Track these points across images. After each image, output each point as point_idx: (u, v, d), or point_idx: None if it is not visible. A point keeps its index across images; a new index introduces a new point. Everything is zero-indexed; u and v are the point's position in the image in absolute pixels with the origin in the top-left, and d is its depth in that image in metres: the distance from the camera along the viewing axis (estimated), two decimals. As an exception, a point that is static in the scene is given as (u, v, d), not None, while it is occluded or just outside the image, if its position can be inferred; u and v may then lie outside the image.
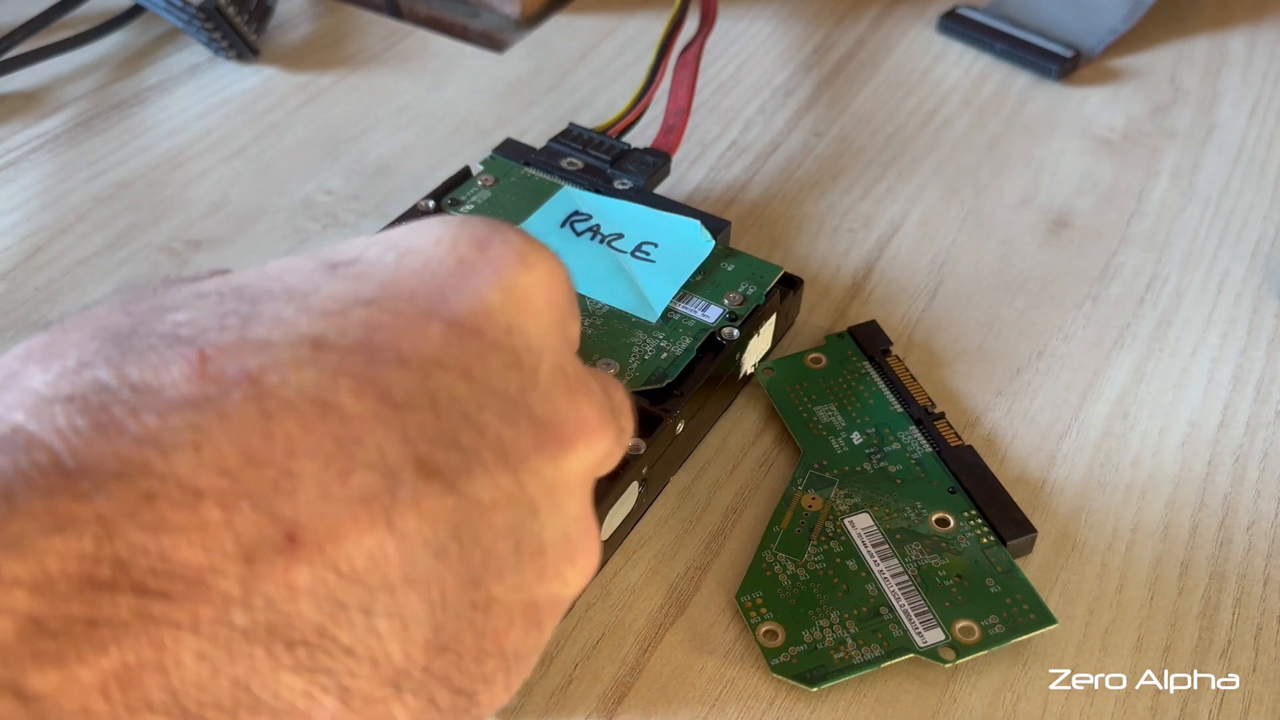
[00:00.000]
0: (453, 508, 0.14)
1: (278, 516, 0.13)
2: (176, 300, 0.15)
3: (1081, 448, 0.29)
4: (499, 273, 0.16)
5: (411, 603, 0.14)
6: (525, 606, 0.16)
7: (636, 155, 0.33)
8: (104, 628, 0.12)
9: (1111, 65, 0.43)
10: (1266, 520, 0.27)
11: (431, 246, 0.16)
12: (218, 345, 0.14)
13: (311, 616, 0.13)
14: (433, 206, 0.31)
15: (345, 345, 0.14)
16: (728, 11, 0.45)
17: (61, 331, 0.14)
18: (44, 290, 0.32)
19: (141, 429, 0.13)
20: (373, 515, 0.13)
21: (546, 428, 0.15)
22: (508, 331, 0.15)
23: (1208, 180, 0.38)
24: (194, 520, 0.12)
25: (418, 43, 0.43)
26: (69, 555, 0.12)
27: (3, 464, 0.12)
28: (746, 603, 0.25)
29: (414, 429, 0.14)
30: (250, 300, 0.14)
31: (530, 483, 0.15)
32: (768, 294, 0.29)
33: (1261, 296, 0.33)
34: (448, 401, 0.14)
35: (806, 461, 0.28)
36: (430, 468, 0.14)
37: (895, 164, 0.38)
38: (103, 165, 0.37)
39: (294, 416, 0.13)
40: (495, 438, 0.15)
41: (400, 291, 0.15)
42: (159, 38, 0.42)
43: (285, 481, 0.13)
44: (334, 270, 0.15)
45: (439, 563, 0.14)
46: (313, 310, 0.14)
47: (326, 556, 0.13)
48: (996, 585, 0.25)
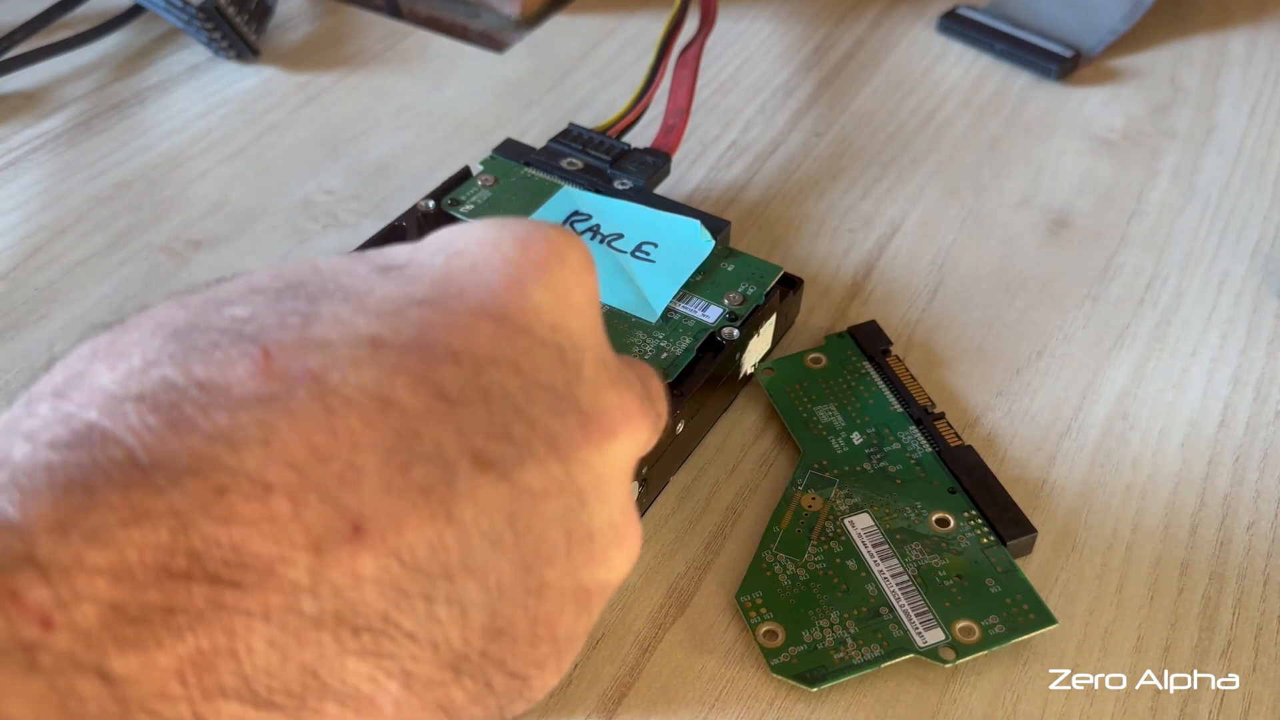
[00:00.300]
0: (507, 497, 0.15)
1: (344, 508, 0.13)
2: (231, 294, 0.15)
3: (1081, 448, 0.29)
4: (543, 271, 0.16)
5: (470, 589, 0.15)
6: (576, 591, 0.16)
7: (636, 155, 0.33)
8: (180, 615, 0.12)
9: (1111, 65, 0.43)
10: (1266, 520, 0.27)
11: (477, 247, 0.16)
12: (280, 343, 0.14)
13: (376, 603, 0.14)
14: (433, 206, 0.31)
15: (401, 343, 0.15)
16: (728, 11, 0.45)
17: (123, 330, 0.15)
18: (44, 290, 0.32)
19: (212, 425, 0.13)
20: (432, 506, 0.14)
21: (593, 419, 0.16)
22: (553, 328, 0.16)
23: (1208, 180, 0.38)
24: (264, 513, 0.13)
25: (418, 43, 0.43)
26: (146, 546, 0.12)
27: (82, 459, 0.13)
28: (746, 603, 0.25)
29: (468, 423, 0.15)
30: (308, 298, 0.15)
31: (580, 472, 0.16)
32: (768, 294, 0.29)
33: (1261, 296, 0.33)
34: (499, 396, 0.15)
35: (806, 461, 0.28)
36: (485, 459, 0.15)
37: (895, 164, 0.38)
38: (103, 165, 0.37)
39: (356, 413, 0.14)
40: (545, 430, 0.15)
41: (450, 291, 0.15)
42: (159, 38, 0.42)
43: (350, 475, 0.14)
44: (387, 273, 0.16)
45: (495, 550, 0.15)
46: (369, 310, 0.15)
47: (390, 546, 0.14)
48: (996, 585, 0.25)
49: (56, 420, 0.13)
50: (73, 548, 0.12)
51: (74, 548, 0.12)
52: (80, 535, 0.12)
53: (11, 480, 0.13)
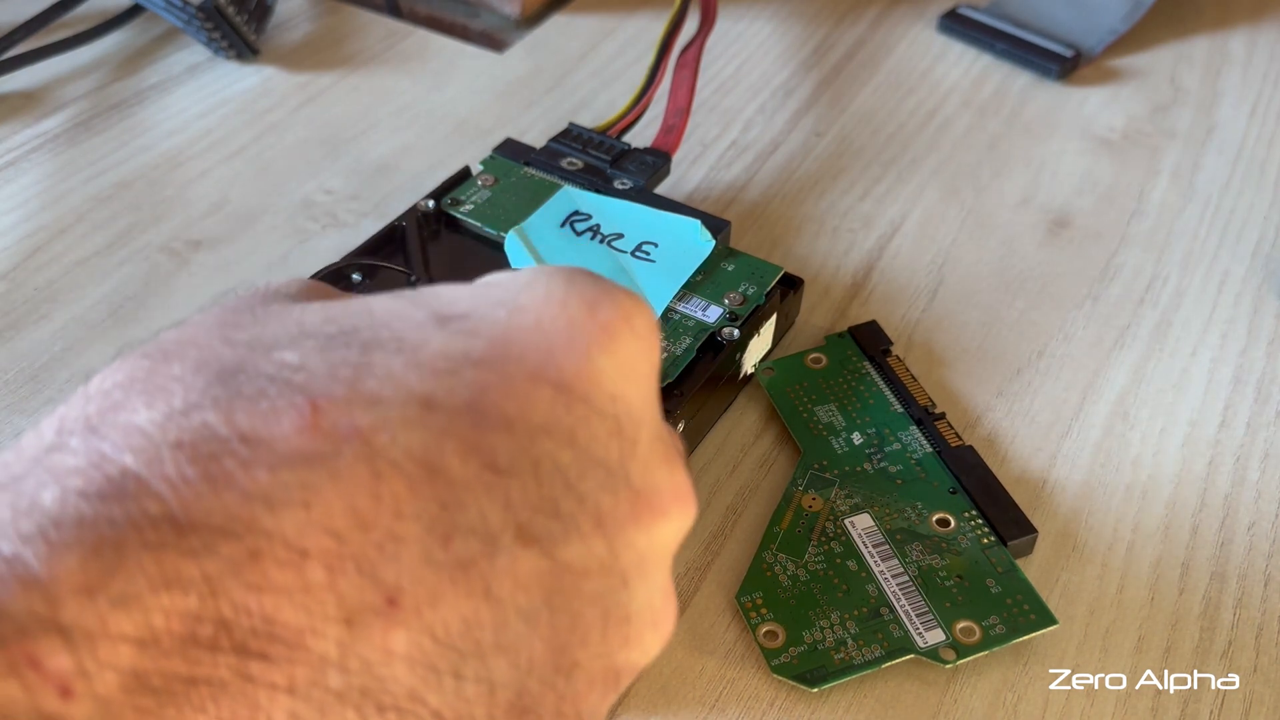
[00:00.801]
0: (547, 574, 0.14)
1: (380, 580, 0.13)
2: (280, 335, 0.14)
3: (1082, 448, 0.29)
4: (608, 338, 0.15)
5: (500, 667, 0.14)
6: (606, 672, 0.16)
7: (636, 155, 0.33)
8: (203, 686, 0.12)
9: (1111, 65, 0.43)
10: (1267, 520, 0.27)
11: (542, 304, 0.15)
12: (329, 397, 0.13)
13: (404, 680, 0.13)
14: (433, 206, 0.31)
15: (454, 406, 0.14)
16: (728, 11, 0.45)
17: (163, 359, 0.14)
18: (44, 290, 0.32)
19: (252, 483, 0.13)
20: (471, 581, 0.13)
21: (643, 497, 0.15)
22: (613, 400, 0.15)
23: (1208, 180, 0.37)
24: (298, 581, 0.12)
25: (418, 43, 0.43)
26: (174, 613, 0.12)
27: (114, 513, 0.12)
28: (747, 603, 0.25)
29: (516, 495, 0.14)
30: (361, 347, 0.14)
31: (624, 552, 0.15)
32: (768, 294, 0.29)
33: (1261, 296, 0.33)
34: (550, 468, 0.14)
35: (807, 461, 0.28)
36: (529, 535, 0.14)
37: (895, 164, 0.38)
38: (103, 165, 0.37)
39: (402, 478, 0.13)
40: (594, 507, 0.15)
41: (510, 352, 0.15)
42: (159, 38, 0.42)
43: (390, 545, 0.13)
44: (445, 324, 0.15)
45: (529, 629, 0.14)
46: (423, 366, 0.14)
47: (424, 621, 0.13)
48: (997, 586, 0.25)
49: (90, 462, 0.13)
50: (99, 612, 0.11)
51: (100, 612, 0.11)
52: (108, 599, 0.12)
53: (39, 532, 0.12)
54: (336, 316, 0.15)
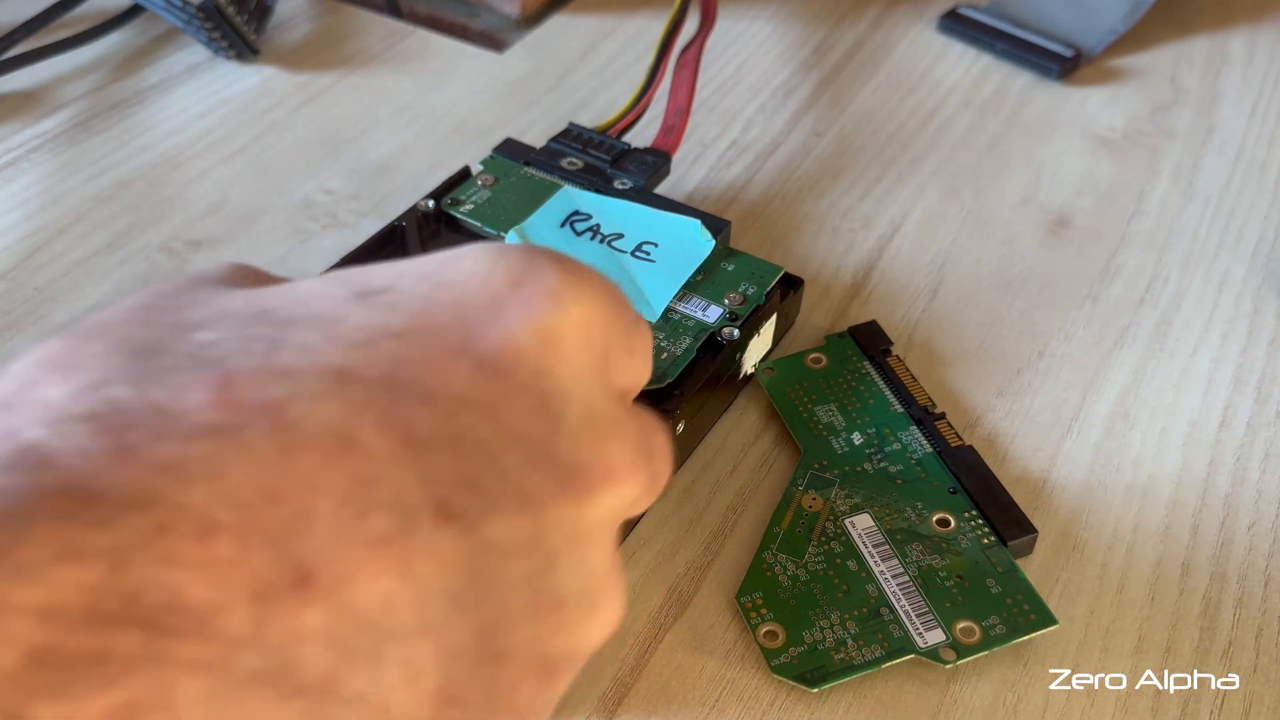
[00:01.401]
0: (470, 553, 0.14)
1: (292, 555, 0.12)
2: (201, 317, 0.14)
3: (1082, 448, 0.29)
4: (530, 312, 0.15)
5: (423, 651, 0.13)
6: (539, 660, 0.15)
7: (636, 155, 0.33)
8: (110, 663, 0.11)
9: (1112, 65, 0.43)
10: (1267, 520, 0.27)
11: (466, 279, 0.15)
12: (240, 370, 0.13)
13: (321, 660, 0.13)
14: (432, 206, 0.31)
15: (370, 379, 0.14)
16: (728, 11, 0.45)
17: (80, 339, 0.14)
18: (44, 290, 0.32)
19: (162, 455, 0.12)
20: (388, 558, 0.13)
21: (570, 473, 0.15)
22: (536, 374, 0.15)
23: (1208, 180, 0.37)
24: (207, 555, 0.12)
25: (418, 43, 0.43)
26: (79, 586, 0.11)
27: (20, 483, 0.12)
28: (747, 603, 0.25)
29: (435, 470, 0.14)
30: (277, 324, 0.14)
31: (551, 532, 0.15)
32: (768, 294, 0.29)
33: (1262, 296, 0.33)
34: (471, 443, 0.14)
35: (807, 462, 0.28)
36: (450, 511, 0.14)
37: (895, 164, 0.38)
38: (102, 165, 0.37)
39: (314, 451, 0.13)
40: (517, 482, 0.14)
41: (430, 326, 0.14)
42: (159, 37, 0.42)
43: (301, 519, 0.12)
44: (364, 299, 0.15)
45: (454, 611, 0.14)
46: (339, 339, 0.14)
47: (339, 599, 0.13)
48: (997, 586, 0.25)
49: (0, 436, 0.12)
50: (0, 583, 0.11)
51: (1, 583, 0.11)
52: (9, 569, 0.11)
53: None
54: (259, 298, 0.15)
